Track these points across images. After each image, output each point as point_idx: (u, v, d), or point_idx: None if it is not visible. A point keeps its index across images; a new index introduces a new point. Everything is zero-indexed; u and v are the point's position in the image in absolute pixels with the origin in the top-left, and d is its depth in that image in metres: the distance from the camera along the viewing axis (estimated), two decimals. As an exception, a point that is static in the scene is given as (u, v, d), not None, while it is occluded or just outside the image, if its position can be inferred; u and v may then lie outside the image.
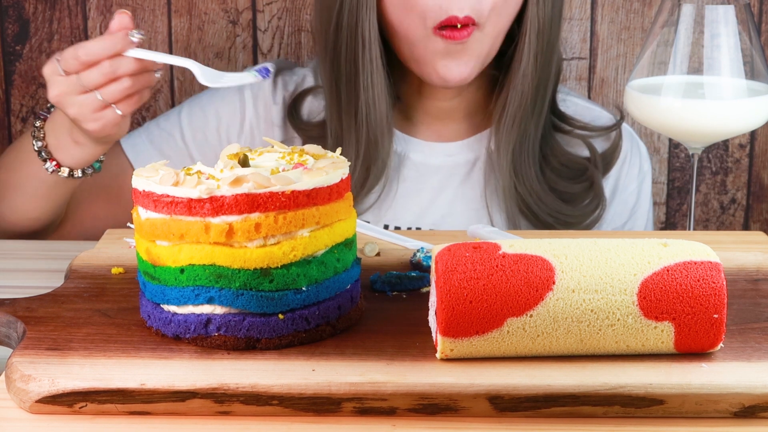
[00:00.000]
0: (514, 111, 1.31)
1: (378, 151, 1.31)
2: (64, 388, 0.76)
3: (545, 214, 1.33)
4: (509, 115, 1.31)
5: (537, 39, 1.28)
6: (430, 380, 0.76)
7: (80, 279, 0.97)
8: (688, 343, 0.80)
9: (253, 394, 0.76)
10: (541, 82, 1.31)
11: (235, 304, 0.82)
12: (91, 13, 1.69)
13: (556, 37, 1.32)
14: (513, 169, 1.32)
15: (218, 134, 1.40)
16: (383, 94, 1.29)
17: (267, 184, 0.80)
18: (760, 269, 1.00)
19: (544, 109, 1.33)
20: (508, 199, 1.33)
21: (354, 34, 1.27)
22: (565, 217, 1.34)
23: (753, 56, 1.17)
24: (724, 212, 1.76)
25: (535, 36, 1.28)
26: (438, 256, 0.81)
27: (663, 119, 1.17)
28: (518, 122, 1.31)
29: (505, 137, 1.32)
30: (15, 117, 1.73)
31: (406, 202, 1.37)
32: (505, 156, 1.32)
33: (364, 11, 1.26)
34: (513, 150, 1.32)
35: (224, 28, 1.70)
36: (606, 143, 1.40)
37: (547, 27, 1.29)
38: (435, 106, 1.37)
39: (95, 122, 1.13)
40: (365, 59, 1.27)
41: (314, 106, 1.39)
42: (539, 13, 1.28)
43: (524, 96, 1.30)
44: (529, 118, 1.31)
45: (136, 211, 0.85)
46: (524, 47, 1.29)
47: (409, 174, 1.37)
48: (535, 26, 1.28)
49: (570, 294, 0.79)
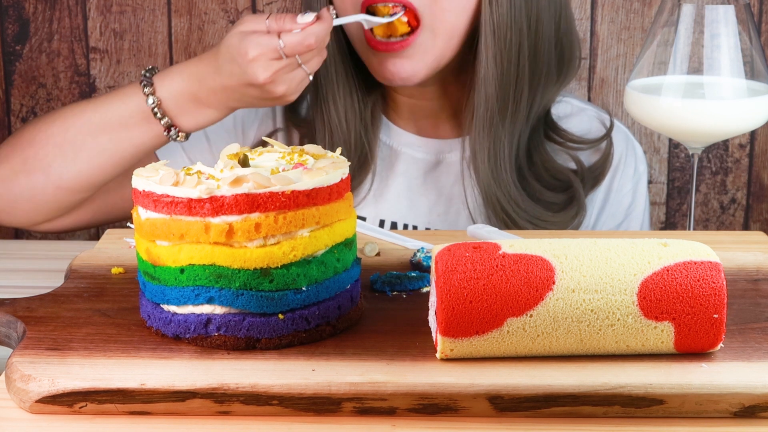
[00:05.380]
0: (482, 116, 1.28)
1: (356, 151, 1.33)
2: (64, 388, 0.76)
3: (524, 221, 1.31)
4: (478, 120, 1.29)
5: (494, 41, 1.25)
6: (430, 380, 0.76)
7: (80, 279, 0.97)
8: (688, 343, 0.80)
9: (253, 394, 0.76)
10: (510, 86, 1.28)
11: (235, 304, 0.82)
12: (91, 13, 1.69)
13: (523, 38, 1.27)
14: (490, 174, 1.30)
15: (233, 124, 1.40)
16: (351, 114, 1.32)
17: (267, 184, 0.80)
18: (760, 269, 1.00)
19: (518, 116, 1.30)
20: (487, 205, 1.32)
21: None
22: (545, 223, 1.31)
23: (753, 56, 1.17)
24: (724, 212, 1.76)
25: (492, 38, 1.25)
26: (438, 256, 0.81)
27: (663, 119, 1.17)
28: (487, 127, 1.29)
29: (478, 143, 1.30)
30: (15, 117, 1.73)
31: (398, 199, 1.37)
32: (482, 162, 1.30)
33: None
34: (488, 156, 1.30)
35: (224, 28, 1.70)
36: (596, 154, 1.38)
37: (504, 29, 1.25)
38: (417, 105, 1.37)
39: (297, 92, 1.21)
40: (328, 78, 1.31)
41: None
42: (493, 13, 1.25)
43: (489, 100, 1.27)
44: (498, 124, 1.29)
45: (136, 211, 0.85)
46: (481, 49, 1.26)
47: (401, 170, 1.37)
48: (490, 27, 1.25)
49: (570, 294, 0.79)
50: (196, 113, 1.23)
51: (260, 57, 1.16)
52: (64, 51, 1.71)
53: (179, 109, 1.23)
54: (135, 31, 1.70)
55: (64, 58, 1.71)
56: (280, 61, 1.16)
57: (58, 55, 1.71)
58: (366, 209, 1.37)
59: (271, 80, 1.17)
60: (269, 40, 1.16)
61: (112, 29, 1.70)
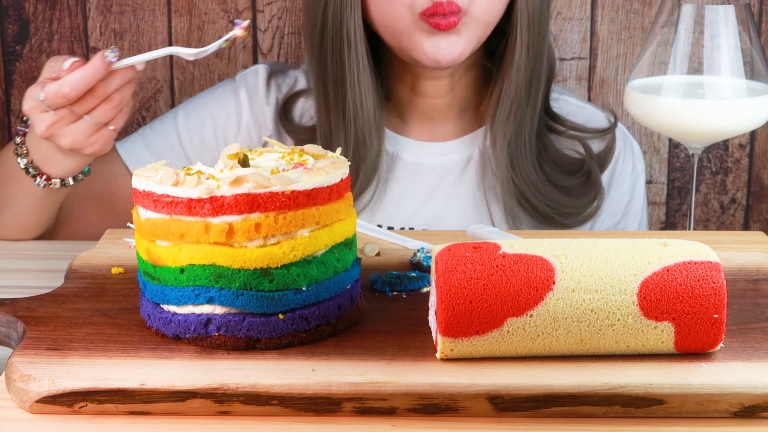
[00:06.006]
0: (509, 103, 1.31)
1: (367, 149, 1.31)
2: (64, 388, 0.76)
3: (544, 206, 1.33)
4: (504, 108, 1.32)
5: (528, 31, 1.29)
6: (430, 380, 0.76)
7: (80, 279, 0.97)
8: (688, 343, 0.80)
9: (253, 394, 0.76)
10: (534, 74, 1.32)
11: (235, 304, 0.82)
12: (91, 13, 1.69)
13: (546, 28, 1.33)
14: (510, 161, 1.33)
15: (215, 136, 1.40)
16: (370, 93, 1.30)
17: (267, 184, 0.80)
18: (760, 269, 1.00)
19: (538, 102, 1.34)
20: (506, 192, 1.33)
21: (339, 35, 1.28)
22: (564, 207, 1.34)
23: (753, 56, 1.17)
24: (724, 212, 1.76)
25: (526, 28, 1.29)
26: (438, 256, 0.81)
27: (663, 119, 1.17)
28: (514, 114, 1.32)
29: (500, 130, 1.32)
30: (15, 117, 1.73)
31: (399, 203, 1.37)
32: (501, 149, 1.33)
33: (348, 11, 1.27)
34: (509, 143, 1.32)
35: (224, 28, 1.70)
36: (601, 144, 1.40)
37: (537, 18, 1.30)
38: (427, 104, 1.37)
39: (93, 145, 1.10)
40: (351, 59, 1.28)
41: (306, 107, 1.39)
42: (528, 4, 1.29)
43: (518, 88, 1.31)
44: (524, 110, 1.32)
45: (136, 211, 0.85)
46: (516, 39, 1.29)
47: (401, 174, 1.37)
48: (525, 18, 1.29)
49: (570, 294, 0.79)
50: (57, 163, 1.17)
51: (31, 110, 1.08)
52: (64, 51, 1.71)
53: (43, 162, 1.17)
54: (135, 31, 1.70)
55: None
56: (51, 113, 1.07)
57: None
58: (365, 216, 1.37)
59: (49, 134, 1.08)
60: (35, 91, 1.07)
61: (112, 29, 1.70)
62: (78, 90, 1.04)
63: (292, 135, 1.38)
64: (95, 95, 1.05)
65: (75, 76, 1.04)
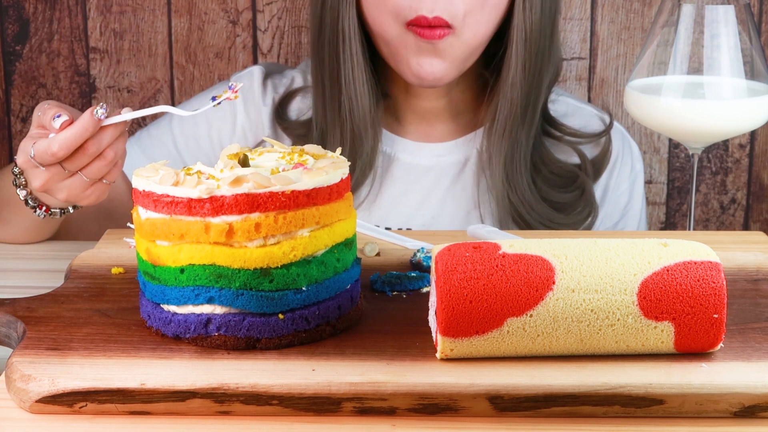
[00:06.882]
0: (504, 119, 1.30)
1: (362, 145, 1.32)
2: (64, 388, 0.76)
3: (537, 223, 1.32)
4: (499, 124, 1.30)
5: (525, 47, 1.27)
6: (430, 380, 0.76)
7: (80, 279, 0.97)
8: (688, 343, 0.80)
9: (253, 394, 0.76)
10: (532, 90, 1.30)
11: (235, 304, 0.82)
12: (91, 13, 1.69)
13: (548, 45, 1.30)
14: (505, 177, 1.32)
15: (210, 139, 1.40)
16: (365, 89, 1.30)
17: (267, 184, 0.80)
18: (760, 269, 1.00)
19: (535, 118, 1.32)
20: (500, 207, 1.32)
21: (335, 30, 1.29)
22: (557, 225, 1.33)
23: (753, 56, 1.17)
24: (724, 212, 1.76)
25: (522, 44, 1.27)
26: (438, 256, 0.81)
27: (663, 119, 1.17)
28: (509, 131, 1.30)
29: (496, 146, 1.31)
30: (15, 117, 1.73)
31: (396, 203, 1.37)
32: (497, 165, 1.31)
33: (344, 7, 1.28)
34: (505, 159, 1.31)
35: (224, 28, 1.70)
36: (596, 149, 1.39)
37: (536, 35, 1.27)
38: (422, 105, 1.37)
39: (88, 198, 1.07)
40: (346, 54, 1.29)
41: (302, 106, 1.39)
42: (526, 20, 1.26)
43: (513, 104, 1.29)
44: (519, 127, 1.30)
45: (136, 211, 0.85)
46: (512, 55, 1.27)
47: (398, 174, 1.37)
48: (522, 34, 1.27)
49: (570, 294, 0.79)
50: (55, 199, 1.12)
51: (24, 165, 1.05)
52: (64, 51, 1.71)
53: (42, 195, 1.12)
54: (135, 31, 1.70)
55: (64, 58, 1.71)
56: (43, 170, 1.04)
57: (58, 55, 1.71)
58: (361, 214, 1.37)
59: (45, 188, 1.05)
60: (27, 145, 1.04)
61: (112, 29, 1.70)
62: (67, 149, 1.00)
63: (288, 131, 1.38)
64: (87, 153, 1.01)
65: (64, 135, 1.00)
